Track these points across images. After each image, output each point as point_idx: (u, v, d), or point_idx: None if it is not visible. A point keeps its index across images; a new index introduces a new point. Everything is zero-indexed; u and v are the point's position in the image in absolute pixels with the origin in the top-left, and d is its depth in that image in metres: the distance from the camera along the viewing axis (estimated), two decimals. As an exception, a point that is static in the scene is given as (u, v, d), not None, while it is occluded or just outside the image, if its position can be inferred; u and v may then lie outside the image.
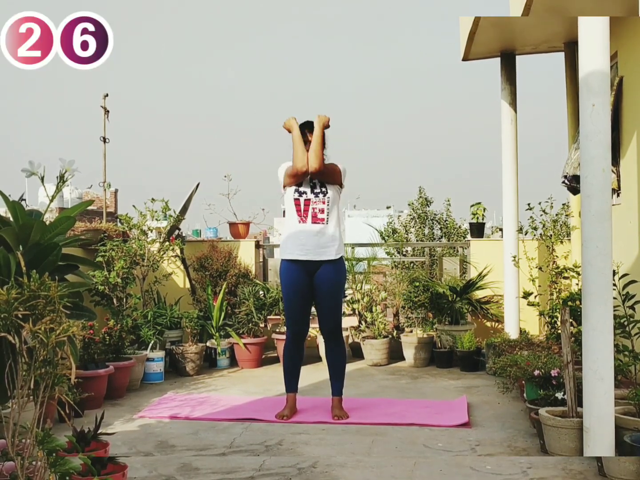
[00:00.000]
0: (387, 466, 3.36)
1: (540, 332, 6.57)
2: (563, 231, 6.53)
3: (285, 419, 4.34)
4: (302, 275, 4.35)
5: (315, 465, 3.37)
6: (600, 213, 3.10)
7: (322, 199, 4.33)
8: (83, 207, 2.89)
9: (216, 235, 7.80)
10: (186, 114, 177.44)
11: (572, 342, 3.68)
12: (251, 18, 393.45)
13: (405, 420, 4.29)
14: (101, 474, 2.60)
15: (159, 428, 4.22)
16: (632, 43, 4.74)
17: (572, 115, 6.28)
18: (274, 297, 6.51)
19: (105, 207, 7.04)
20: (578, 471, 3.17)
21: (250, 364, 6.33)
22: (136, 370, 5.39)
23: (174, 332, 6.30)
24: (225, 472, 3.30)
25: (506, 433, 4.02)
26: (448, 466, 3.35)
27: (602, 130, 3.12)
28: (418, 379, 5.76)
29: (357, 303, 6.76)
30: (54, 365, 2.14)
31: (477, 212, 7.27)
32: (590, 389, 3.13)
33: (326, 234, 4.32)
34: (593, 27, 3.13)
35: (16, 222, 2.58)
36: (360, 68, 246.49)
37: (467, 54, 6.30)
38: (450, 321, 6.48)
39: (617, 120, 4.89)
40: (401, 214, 23.96)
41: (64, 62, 3.50)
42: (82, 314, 2.66)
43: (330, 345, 4.55)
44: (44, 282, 2.15)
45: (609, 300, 3.12)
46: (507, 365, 4.48)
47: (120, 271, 5.89)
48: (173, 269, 7.03)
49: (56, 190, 2.68)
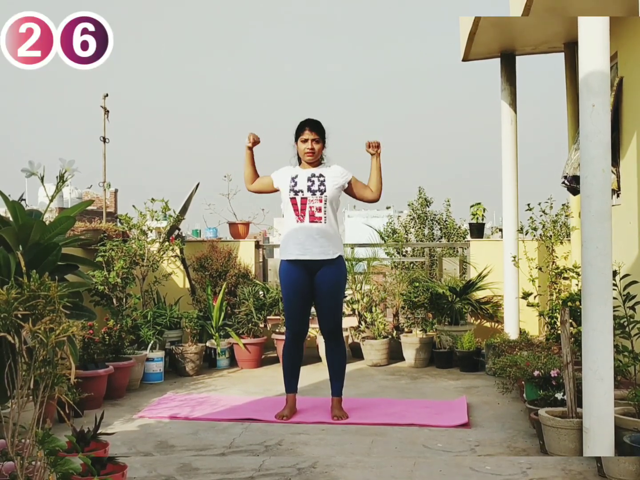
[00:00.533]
0: (386, 466, 3.36)
1: (540, 332, 6.57)
2: (563, 232, 6.53)
3: (285, 419, 4.34)
4: (302, 276, 4.35)
5: (315, 465, 3.37)
6: (600, 213, 3.10)
7: (319, 197, 4.33)
8: (83, 207, 2.89)
9: (216, 235, 7.80)
10: (186, 113, 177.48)
11: (571, 342, 3.68)
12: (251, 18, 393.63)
13: (405, 421, 4.28)
14: (101, 474, 2.60)
15: (159, 428, 4.22)
16: (632, 43, 4.74)
17: (572, 115, 6.28)
18: (274, 297, 6.51)
19: (105, 207, 7.04)
20: (578, 471, 3.17)
21: (250, 364, 6.33)
22: (136, 371, 5.38)
23: (174, 332, 6.30)
24: (225, 472, 3.30)
25: (506, 433, 4.02)
26: (448, 466, 3.35)
27: (602, 130, 3.12)
28: (418, 380, 5.76)
29: (357, 303, 6.76)
30: (54, 365, 2.14)
31: (477, 213, 7.27)
32: (590, 389, 3.13)
33: (325, 233, 4.31)
34: (593, 27, 3.13)
35: (16, 222, 2.58)
36: (360, 68, 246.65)
37: (467, 54, 6.30)
38: (450, 321, 6.48)
39: (617, 120, 4.90)
40: (401, 214, 23.97)
41: (64, 62, 3.50)
42: (81, 314, 2.66)
43: (330, 345, 4.55)
44: (44, 282, 2.15)
45: (608, 301, 3.12)
46: (507, 366, 4.48)
47: (120, 271, 5.88)
48: (173, 269, 7.03)
49: (56, 190, 2.68)
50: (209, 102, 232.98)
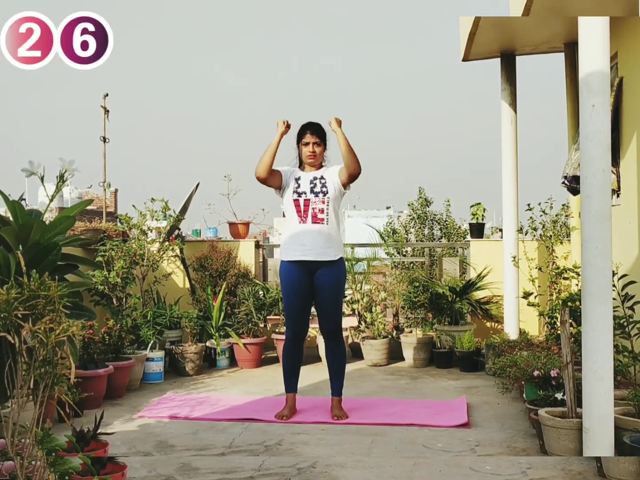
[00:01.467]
0: (386, 466, 3.36)
1: (539, 332, 6.57)
2: (563, 232, 6.53)
3: (284, 419, 4.34)
4: (302, 276, 4.36)
5: (314, 465, 3.37)
6: (600, 213, 3.10)
7: (322, 198, 4.34)
8: (82, 206, 2.89)
9: (216, 235, 7.80)
10: (186, 113, 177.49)
11: (571, 342, 3.68)
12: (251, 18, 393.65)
13: (404, 421, 4.29)
14: (100, 474, 2.60)
15: (159, 428, 4.22)
16: (632, 44, 4.74)
17: (572, 115, 6.28)
18: (274, 297, 6.51)
19: (105, 206, 7.04)
20: (577, 472, 3.17)
21: (250, 364, 6.32)
22: (136, 370, 5.38)
23: (174, 332, 6.30)
24: (225, 472, 3.30)
25: (506, 433, 4.02)
26: (447, 466, 3.35)
27: (602, 130, 3.12)
28: (417, 379, 5.76)
29: (356, 303, 6.76)
30: (54, 365, 2.14)
31: (477, 213, 7.27)
32: (590, 389, 3.13)
33: (326, 234, 4.32)
34: (593, 28, 3.13)
35: (16, 221, 2.58)
36: (360, 68, 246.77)
37: (467, 54, 6.29)
38: (450, 321, 6.48)
39: (617, 120, 4.89)
40: (401, 214, 23.97)
41: (64, 62, 3.50)
42: (81, 314, 2.66)
43: (330, 345, 4.55)
44: (44, 282, 2.15)
45: (608, 301, 3.12)
46: (507, 366, 4.48)
47: (120, 271, 5.88)
48: (173, 269, 7.03)
49: (56, 190, 2.69)
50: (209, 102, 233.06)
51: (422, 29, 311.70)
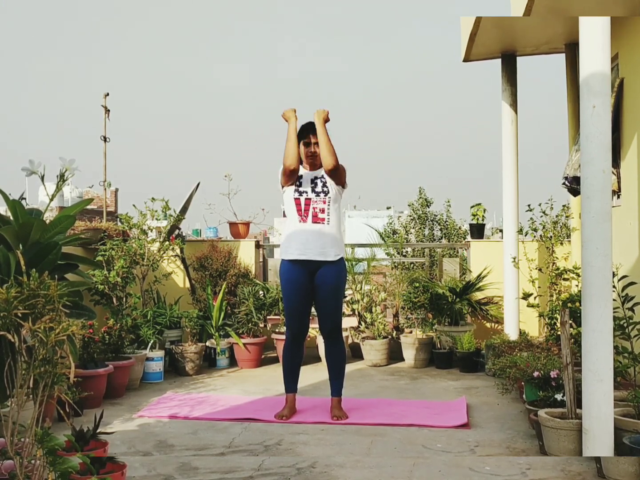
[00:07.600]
0: (386, 466, 3.36)
1: (539, 333, 6.57)
2: (563, 232, 6.53)
3: (284, 419, 4.34)
4: (302, 276, 4.35)
5: (314, 465, 3.37)
6: (601, 214, 3.10)
7: (323, 198, 4.33)
8: (82, 205, 2.89)
9: (216, 235, 7.80)
10: (186, 113, 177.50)
11: (571, 343, 3.68)
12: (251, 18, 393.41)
13: (404, 421, 4.28)
14: (100, 473, 2.60)
15: (158, 427, 4.22)
16: (633, 44, 4.74)
17: (572, 116, 6.28)
18: (274, 297, 6.51)
19: (106, 206, 7.04)
20: (577, 472, 3.17)
21: (250, 363, 6.33)
22: (135, 370, 5.38)
23: (174, 332, 6.31)
24: (224, 472, 3.30)
25: (505, 434, 4.02)
26: (447, 467, 3.35)
27: (602, 131, 3.12)
28: (417, 380, 5.76)
29: (356, 303, 6.77)
30: (53, 364, 2.14)
31: (477, 213, 7.27)
32: (590, 390, 3.13)
33: (327, 234, 4.32)
34: (594, 28, 3.13)
35: (16, 220, 2.58)
36: (360, 68, 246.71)
37: (467, 54, 6.29)
38: (450, 322, 6.48)
39: (617, 121, 4.89)
40: (401, 214, 23.99)
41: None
42: (81, 313, 2.66)
43: (330, 345, 4.55)
44: (44, 281, 2.15)
45: (608, 302, 3.12)
46: (507, 367, 4.47)
47: (120, 270, 5.88)
48: (173, 269, 7.04)
49: (56, 189, 2.68)
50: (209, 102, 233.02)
51: (422, 29, 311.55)
